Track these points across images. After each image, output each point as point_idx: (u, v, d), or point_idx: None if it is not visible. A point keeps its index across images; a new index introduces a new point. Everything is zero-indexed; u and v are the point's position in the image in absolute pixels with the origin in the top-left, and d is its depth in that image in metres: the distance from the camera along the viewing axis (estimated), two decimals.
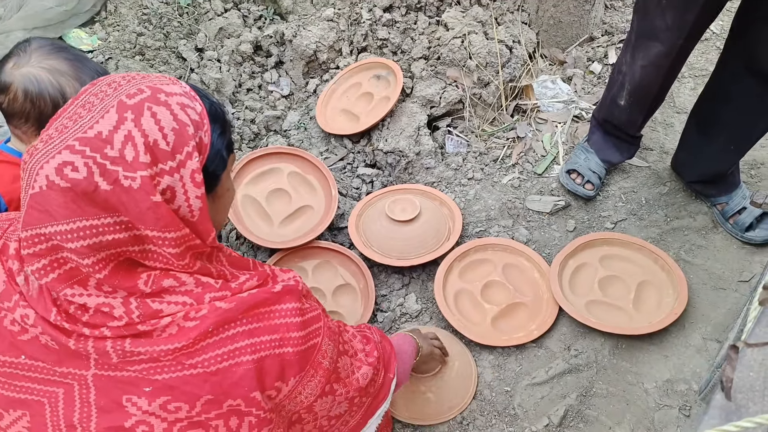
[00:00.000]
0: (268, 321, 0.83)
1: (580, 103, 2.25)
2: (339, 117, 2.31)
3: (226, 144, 0.85)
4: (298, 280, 0.92)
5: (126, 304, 0.76)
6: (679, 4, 1.47)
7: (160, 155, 0.73)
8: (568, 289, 1.76)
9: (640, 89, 1.71)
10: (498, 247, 1.90)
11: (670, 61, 1.60)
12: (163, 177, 0.73)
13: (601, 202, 1.97)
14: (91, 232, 0.72)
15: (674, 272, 1.71)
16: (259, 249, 1.98)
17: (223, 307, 0.79)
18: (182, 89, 0.80)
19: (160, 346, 0.76)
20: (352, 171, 2.21)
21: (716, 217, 1.87)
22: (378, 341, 1.16)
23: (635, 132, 1.88)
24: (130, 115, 0.73)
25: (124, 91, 0.75)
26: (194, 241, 0.79)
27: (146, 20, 2.46)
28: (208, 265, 0.84)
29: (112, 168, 0.70)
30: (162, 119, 0.74)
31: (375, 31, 2.45)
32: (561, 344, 1.67)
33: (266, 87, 2.49)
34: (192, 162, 0.76)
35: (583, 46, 2.44)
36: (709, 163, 1.79)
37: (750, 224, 1.79)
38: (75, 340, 0.76)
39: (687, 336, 1.64)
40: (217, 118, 0.84)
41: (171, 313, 0.78)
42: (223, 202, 0.91)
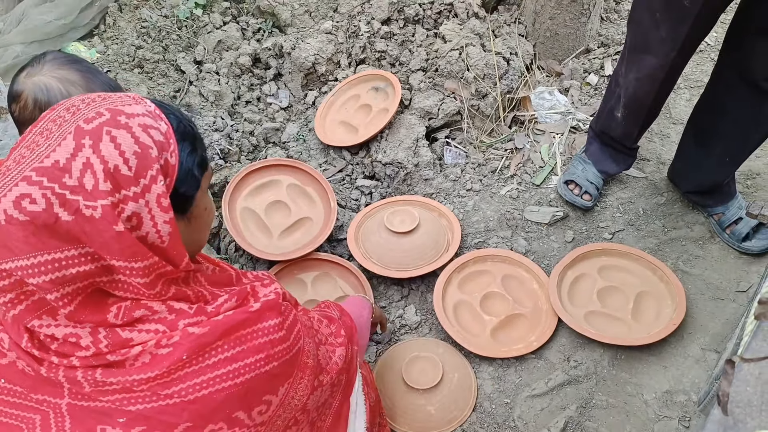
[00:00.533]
0: (251, 342, 0.81)
1: (577, 114, 2.26)
2: (338, 129, 2.32)
3: (197, 162, 0.81)
4: (278, 292, 0.90)
5: (94, 333, 0.74)
6: (673, 17, 1.48)
7: (122, 181, 0.70)
8: (567, 300, 1.76)
9: (634, 101, 1.72)
10: (497, 258, 1.90)
11: (664, 74, 1.61)
12: (127, 203, 0.71)
13: (599, 212, 1.98)
14: (53, 266, 0.69)
15: (672, 283, 1.72)
16: (258, 261, 1.98)
17: (196, 332, 0.76)
18: (145, 108, 0.76)
19: (132, 376, 0.74)
20: (351, 183, 2.22)
21: (713, 228, 1.88)
22: (338, 317, 1.17)
23: (631, 144, 1.89)
24: (88, 141, 0.69)
25: (82, 116, 0.72)
26: (165, 269, 0.77)
27: (145, 33, 2.47)
28: (184, 289, 0.82)
29: (72, 198, 0.68)
30: (122, 143, 0.71)
31: (373, 43, 2.47)
32: (560, 355, 1.68)
33: (265, 99, 2.50)
34: (157, 186, 0.73)
35: (579, 57, 2.46)
36: (706, 174, 1.80)
37: (746, 234, 1.80)
38: (46, 369, 0.74)
39: (686, 347, 1.64)
40: (186, 135, 0.80)
41: (142, 341, 0.75)
42: (200, 222, 0.87)
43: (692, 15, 1.45)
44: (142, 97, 0.79)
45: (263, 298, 0.87)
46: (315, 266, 1.96)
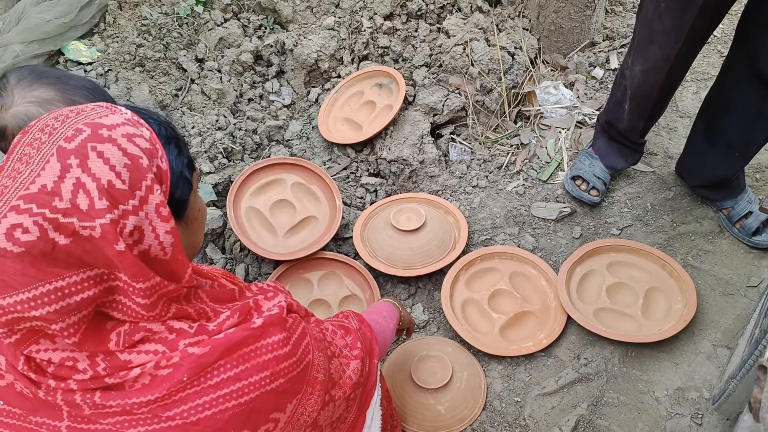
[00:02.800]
0: (254, 360, 0.78)
1: (583, 108, 2.24)
2: (341, 126, 2.30)
3: (186, 163, 0.79)
4: (282, 306, 0.86)
5: (92, 357, 0.72)
6: (677, 7, 1.46)
7: (118, 196, 0.67)
8: (576, 297, 1.75)
9: (639, 94, 1.70)
10: (504, 255, 1.89)
11: (670, 66, 1.59)
12: (128, 218, 0.68)
13: (606, 208, 1.97)
14: (56, 295, 0.67)
15: (682, 278, 1.70)
16: (263, 261, 1.96)
17: (196, 352, 0.74)
18: (123, 117, 0.73)
19: (132, 399, 0.72)
20: (356, 180, 2.20)
21: (722, 222, 1.87)
22: (357, 329, 1.12)
23: (638, 138, 1.87)
24: (74, 160, 0.66)
25: (61, 135, 0.68)
26: (167, 288, 0.74)
27: (145, 31, 2.45)
28: (185, 307, 0.79)
29: (66, 221, 0.65)
30: (111, 157, 0.67)
31: (376, 39, 2.44)
32: (570, 353, 1.66)
33: (267, 97, 2.48)
34: (154, 196, 0.70)
35: (584, 51, 2.44)
36: (714, 168, 1.78)
37: (757, 229, 1.78)
38: (44, 392, 0.72)
39: (696, 343, 1.63)
40: (170, 138, 0.78)
41: (140, 363, 0.73)
42: (196, 224, 0.86)
43: (697, 5, 1.43)
44: (115, 105, 0.75)
45: (266, 312, 0.83)
46: (321, 265, 1.94)
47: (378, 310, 1.36)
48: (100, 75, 2.31)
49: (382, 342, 1.23)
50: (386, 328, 1.30)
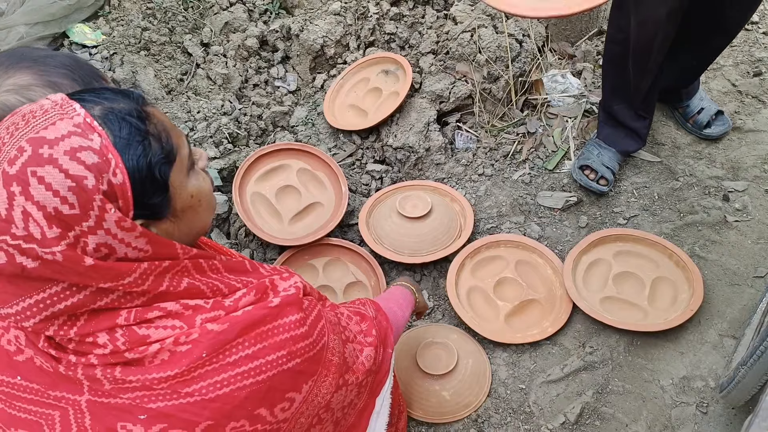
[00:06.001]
0: (272, 339, 0.78)
1: (591, 97, 2.23)
2: (347, 113, 2.29)
3: (158, 159, 0.72)
4: (298, 287, 0.85)
5: (111, 333, 0.72)
6: None
7: (70, 220, 0.64)
8: (582, 286, 1.75)
9: (639, 49, 1.68)
10: (510, 243, 1.88)
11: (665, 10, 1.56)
12: (87, 238, 0.66)
13: (613, 197, 1.96)
14: (38, 307, 0.67)
15: (689, 268, 1.70)
16: (268, 246, 1.96)
17: (215, 329, 0.74)
18: (72, 123, 0.66)
19: (152, 374, 0.72)
20: (361, 167, 2.20)
21: (678, 119, 2.09)
22: (374, 317, 1.11)
23: (642, 108, 1.84)
24: (17, 187, 0.63)
25: (6, 156, 0.65)
26: (162, 266, 0.72)
27: (151, 15, 2.43)
28: (197, 283, 0.77)
29: (28, 246, 0.64)
30: (52, 181, 0.63)
31: (382, 25, 2.42)
32: (576, 341, 1.66)
33: (273, 82, 2.47)
34: (110, 215, 0.66)
35: (592, 39, 2.42)
36: (672, 78, 1.92)
37: (707, 122, 2.01)
38: (65, 367, 0.73)
39: (702, 332, 1.63)
40: (132, 136, 0.70)
41: (159, 338, 0.73)
42: (193, 212, 0.80)
43: None
44: (72, 103, 0.69)
45: (283, 292, 0.83)
46: (326, 252, 1.94)
47: (394, 298, 1.33)
48: (105, 58, 2.30)
49: (396, 331, 1.22)
50: (401, 319, 1.28)
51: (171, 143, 0.75)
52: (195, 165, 0.82)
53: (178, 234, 0.79)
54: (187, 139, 0.81)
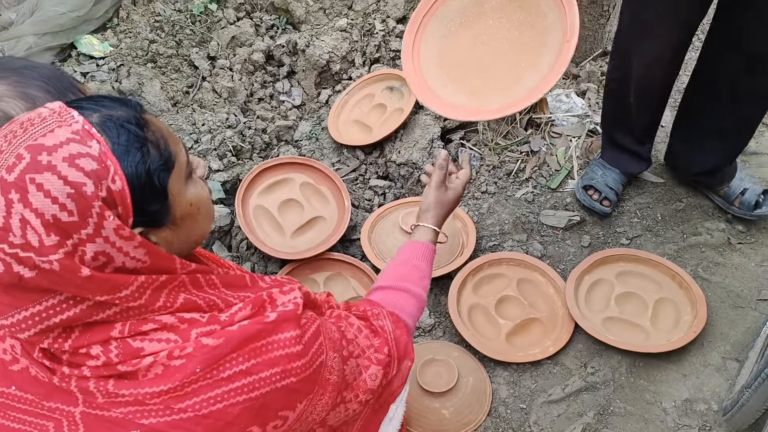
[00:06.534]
0: (266, 355, 0.76)
1: (595, 117, 2.24)
2: (351, 128, 2.30)
3: (157, 165, 0.72)
4: (298, 303, 0.83)
5: (105, 343, 0.72)
6: None
7: (68, 228, 0.64)
8: (585, 306, 1.74)
9: (643, 88, 1.69)
10: (512, 261, 1.88)
11: (670, 54, 1.57)
12: (85, 246, 0.65)
13: (616, 217, 1.96)
14: (33, 320, 0.67)
15: (692, 290, 1.69)
16: (270, 260, 1.96)
17: (210, 344, 0.73)
18: (71, 130, 0.66)
19: (145, 389, 0.71)
20: (364, 182, 2.20)
21: (719, 204, 1.87)
22: (391, 331, 1.04)
23: (644, 138, 1.85)
24: (15, 195, 0.63)
25: (4, 164, 0.65)
26: (159, 281, 0.72)
27: (158, 27, 2.46)
28: (194, 298, 0.77)
29: (25, 255, 0.64)
30: (51, 188, 0.63)
31: (388, 42, 2.45)
32: (577, 361, 1.65)
33: (278, 97, 2.48)
34: (108, 222, 0.66)
35: (597, 60, 2.44)
36: (707, 158, 1.78)
37: (756, 202, 1.80)
38: (59, 378, 0.72)
39: (705, 355, 1.61)
40: (131, 143, 0.69)
41: (153, 351, 0.72)
42: (191, 220, 0.80)
43: None
44: (70, 110, 0.69)
45: (280, 307, 0.81)
46: (328, 266, 1.93)
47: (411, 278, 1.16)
48: (112, 70, 2.31)
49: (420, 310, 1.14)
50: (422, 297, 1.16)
51: (169, 150, 0.75)
52: (193, 173, 0.82)
53: (177, 242, 0.78)
54: (185, 147, 0.81)
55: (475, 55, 1.34)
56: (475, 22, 1.35)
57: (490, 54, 1.33)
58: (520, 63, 1.30)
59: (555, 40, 1.25)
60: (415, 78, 1.38)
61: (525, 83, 1.28)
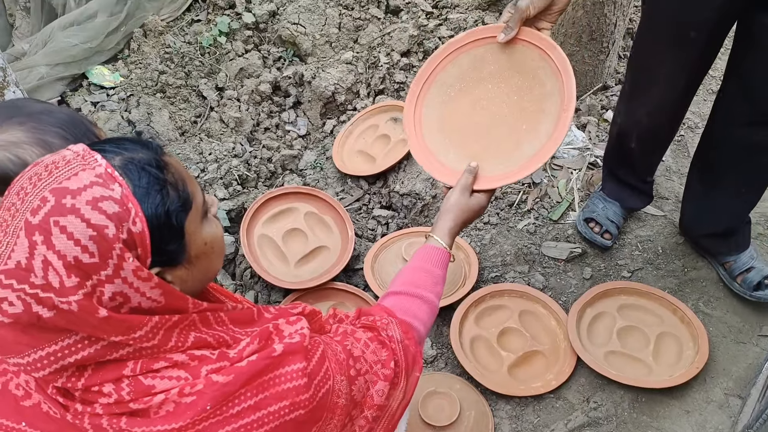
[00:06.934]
0: (273, 389, 0.78)
1: (595, 150, 2.27)
2: (355, 158, 2.33)
3: (176, 207, 0.74)
4: (304, 334, 0.84)
5: (117, 381, 0.73)
6: (679, 49, 1.47)
7: (88, 269, 0.66)
8: (587, 339, 1.74)
9: (649, 136, 1.71)
10: (514, 293, 1.88)
11: (677, 104, 1.60)
12: (104, 287, 0.67)
13: (617, 250, 1.97)
14: (49, 360, 0.69)
15: (694, 324, 1.69)
16: (273, 288, 1.97)
17: (220, 381, 0.74)
18: (94, 174, 0.68)
19: (156, 426, 0.72)
20: (368, 212, 2.22)
21: (723, 277, 1.82)
22: (399, 341, 1.02)
23: (648, 177, 1.88)
24: (39, 237, 0.65)
25: (29, 206, 0.67)
26: (171, 321, 0.74)
27: (168, 59, 2.51)
28: (204, 336, 0.78)
29: (45, 295, 0.65)
30: (74, 231, 0.65)
31: (392, 74, 2.50)
32: (580, 396, 1.65)
33: (284, 126, 2.52)
34: (128, 263, 0.68)
35: (597, 94, 2.48)
36: (719, 217, 1.75)
37: (758, 283, 1.72)
38: (72, 415, 0.73)
39: (708, 391, 1.61)
40: (152, 185, 0.72)
41: (164, 389, 0.73)
42: (205, 259, 0.82)
43: (699, 45, 1.46)
44: (93, 153, 0.71)
45: (287, 339, 0.82)
46: (331, 296, 1.94)
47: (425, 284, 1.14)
48: (122, 99, 2.36)
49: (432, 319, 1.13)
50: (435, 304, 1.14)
51: (187, 191, 0.77)
52: (208, 212, 0.84)
53: (191, 280, 0.80)
54: (201, 186, 0.83)
55: (476, 120, 1.36)
56: (474, 88, 1.37)
57: (490, 118, 1.35)
58: (521, 127, 1.31)
59: (553, 107, 1.27)
60: (417, 144, 1.39)
61: (524, 150, 1.29)
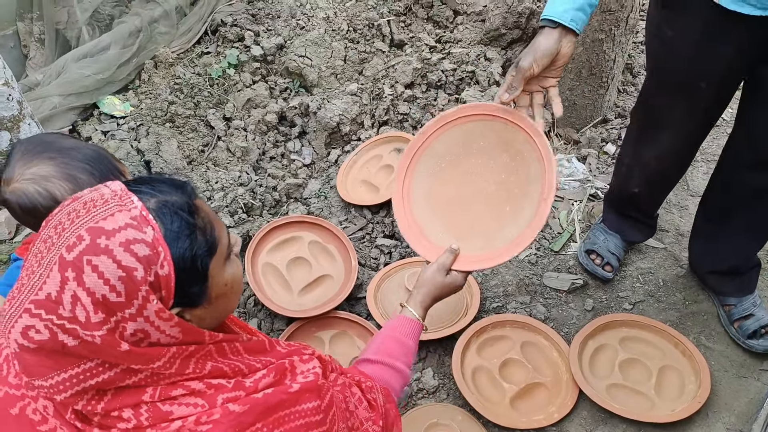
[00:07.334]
0: (288, 424, 0.80)
1: (596, 182, 2.30)
2: (359, 187, 2.36)
3: (203, 251, 0.77)
4: (317, 373, 0.87)
5: (136, 407, 0.75)
6: (690, 97, 1.50)
7: (114, 307, 0.70)
8: (589, 371, 1.74)
9: (657, 179, 1.74)
10: (516, 324, 1.89)
11: (686, 149, 1.64)
12: (127, 324, 0.71)
13: (618, 282, 1.99)
14: (72, 382, 0.72)
15: (695, 358, 1.70)
16: (276, 317, 1.98)
17: (236, 410, 0.77)
18: (129, 216, 0.71)
19: None
20: (371, 241, 2.25)
21: (722, 319, 1.83)
22: (382, 404, 1.08)
23: (653, 213, 1.91)
24: (71, 273, 0.69)
25: (65, 242, 0.70)
26: (189, 350, 0.77)
27: (178, 89, 2.57)
28: (220, 365, 0.81)
29: (71, 327, 0.69)
30: (105, 270, 0.69)
31: (396, 106, 2.55)
32: (582, 429, 1.64)
33: (289, 156, 2.57)
34: (151, 305, 0.71)
35: (597, 127, 2.53)
36: (725, 255, 1.76)
37: (754, 332, 1.73)
38: None
39: (710, 426, 1.60)
40: (182, 230, 0.75)
41: (182, 416, 0.75)
42: (224, 299, 0.85)
43: (710, 95, 1.49)
44: (130, 195, 0.74)
45: (301, 377, 0.86)
46: (333, 324, 1.95)
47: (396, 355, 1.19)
48: (132, 129, 2.41)
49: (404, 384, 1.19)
50: (407, 375, 1.20)
51: (214, 236, 0.80)
52: (231, 253, 0.87)
53: (209, 319, 0.83)
54: (226, 227, 0.86)
55: (463, 194, 1.38)
56: (463, 161, 1.40)
57: (476, 193, 1.38)
58: (505, 208, 1.33)
59: (536, 192, 1.28)
60: (404, 216, 1.40)
61: (506, 233, 1.30)
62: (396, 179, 1.44)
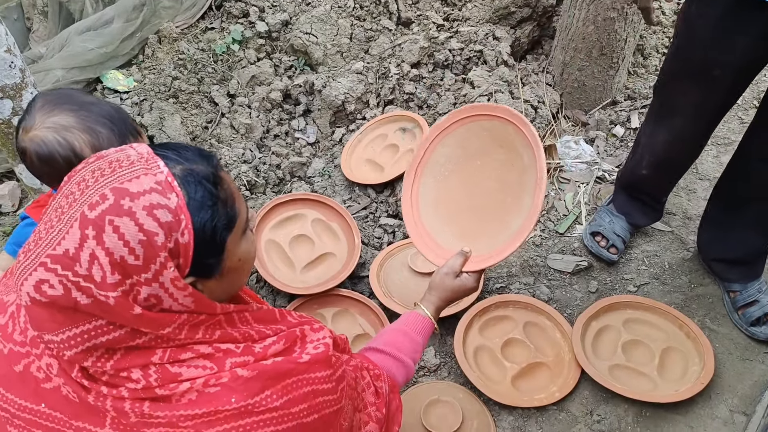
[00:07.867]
0: (296, 391, 0.80)
1: (603, 164, 2.28)
2: (363, 166, 2.34)
3: (223, 224, 0.76)
4: (328, 344, 0.87)
5: (144, 369, 0.75)
6: (704, 86, 1.48)
7: (131, 270, 0.69)
8: (591, 352, 1.73)
9: (666, 163, 1.73)
10: (519, 304, 1.88)
11: (698, 137, 1.62)
12: (141, 287, 0.70)
13: (623, 264, 1.97)
14: (82, 338, 0.71)
15: (700, 340, 1.68)
16: (278, 293, 1.98)
17: (244, 375, 0.77)
18: (155, 180, 0.71)
19: (179, 411, 0.74)
20: (375, 220, 2.23)
21: (726, 305, 1.81)
22: (386, 393, 1.10)
23: (662, 198, 1.89)
24: (91, 231, 0.68)
25: (88, 199, 0.69)
26: (199, 318, 0.77)
27: (182, 65, 2.55)
28: (230, 331, 0.81)
29: (86, 285, 0.68)
30: (126, 232, 0.68)
31: (402, 85, 2.52)
32: (583, 408, 1.64)
33: (293, 134, 2.55)
34: (168, 271, 0.71)
35: (606, 109, 2.49)
36: (736, 245, 1.74)
37: (758, 319, 1.72)
38: (94, 397, 0.75)
39: (713, 407, 1.60)
40: (205, 199, 0.74)
41: (190, 377, 0.76)
42: (236, 274, 0.84)
43: (724, 85, 1.46)
44: (156, 159, 0.73)
45: (312, 349, 0.85)
46: (336, 302, 1.95)
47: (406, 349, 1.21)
48: (135, 104, 2.39)
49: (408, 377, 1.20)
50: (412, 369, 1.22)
51: (235, 209, 0.79)
52: (248, 229, 0.86)
53: (219, 291, 0.82)
54: (246, 203, 0.85)
55: (468, 197, 1.42)
56: (465, 165, 1.45)
57: (480, 194, 1.42)
58: (506, 200, 1.36)
59: (531, 180, 1.30)
60: (414, 225, 1.44)
61: (510, 225, 1.33)
62: (404, 191, 1.48)
